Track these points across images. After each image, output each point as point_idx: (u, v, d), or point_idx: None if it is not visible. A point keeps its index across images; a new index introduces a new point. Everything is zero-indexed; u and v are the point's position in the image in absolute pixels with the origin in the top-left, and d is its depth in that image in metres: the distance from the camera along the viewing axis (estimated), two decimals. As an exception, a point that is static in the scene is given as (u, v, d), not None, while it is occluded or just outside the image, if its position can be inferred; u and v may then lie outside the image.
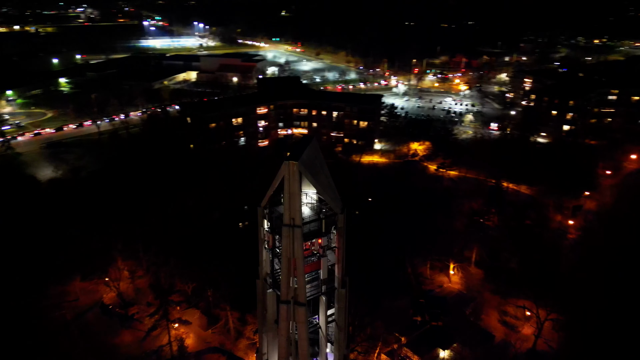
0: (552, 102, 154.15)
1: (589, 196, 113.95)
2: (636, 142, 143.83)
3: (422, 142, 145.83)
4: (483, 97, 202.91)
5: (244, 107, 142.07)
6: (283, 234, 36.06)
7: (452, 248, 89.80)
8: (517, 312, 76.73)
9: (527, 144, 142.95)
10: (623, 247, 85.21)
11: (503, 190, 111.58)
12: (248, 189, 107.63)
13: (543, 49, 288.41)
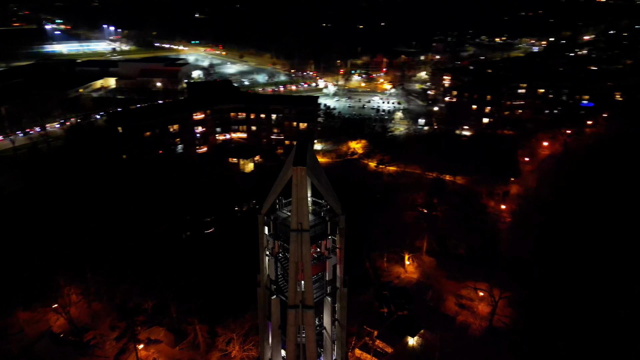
0: (471, 98, 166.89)
1: (514, 182, 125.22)
2: (545, 130, 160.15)
3: (359, 140, 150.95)
4: (407, 95, 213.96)
5: (179, 114, 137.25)
6: (291, 239, 36.47)
7: (405, 240, 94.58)
8: (470, 294, 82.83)
9: (454, 138, 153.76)
10: (548, 224, 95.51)
11: (444, 182, 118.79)
12: (191, 197, 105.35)
13: (452, 48, 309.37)
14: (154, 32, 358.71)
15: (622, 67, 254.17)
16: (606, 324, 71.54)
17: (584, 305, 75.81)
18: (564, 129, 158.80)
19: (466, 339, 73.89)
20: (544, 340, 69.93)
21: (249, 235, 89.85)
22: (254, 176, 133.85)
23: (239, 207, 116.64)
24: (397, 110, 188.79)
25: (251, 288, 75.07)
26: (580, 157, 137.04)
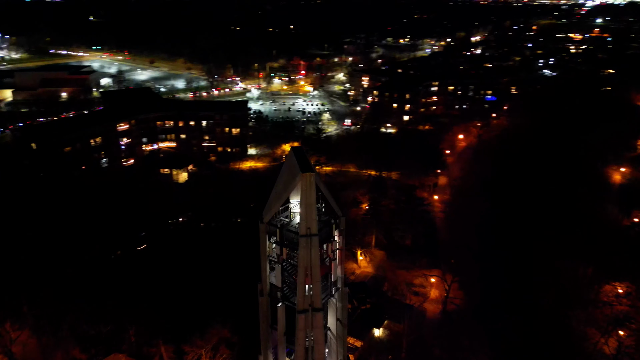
0: (392, 97, 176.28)
1: (440, 173, 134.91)
2: (458, 124, 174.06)
3: (291, 143, 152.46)
4: (329, 97, 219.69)
5: (101, 125, 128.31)
6: (301, 245, 37.13)
7: (354, 236, 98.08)
8: (422, 282, 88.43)
9: (380, 136, 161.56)
10: (477, 208, 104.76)
11: (383, 178, 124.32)
12: (121, 213, 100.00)
13: (363, 50, 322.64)
14: (47, 37, 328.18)
15: (513, 63, 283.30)
16: (542, 293, 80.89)
17: (520, 280, 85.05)
18: (474, 122, 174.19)
19: (426, 324, 78.85)
20: (491, 316, 76.94)
21: (189, 247, 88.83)
22: (189, 186, 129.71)
23: (175, 219, 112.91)
24: (322, 111, 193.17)
25: (211, 300, 74.18)
26: (492, 146, 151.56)
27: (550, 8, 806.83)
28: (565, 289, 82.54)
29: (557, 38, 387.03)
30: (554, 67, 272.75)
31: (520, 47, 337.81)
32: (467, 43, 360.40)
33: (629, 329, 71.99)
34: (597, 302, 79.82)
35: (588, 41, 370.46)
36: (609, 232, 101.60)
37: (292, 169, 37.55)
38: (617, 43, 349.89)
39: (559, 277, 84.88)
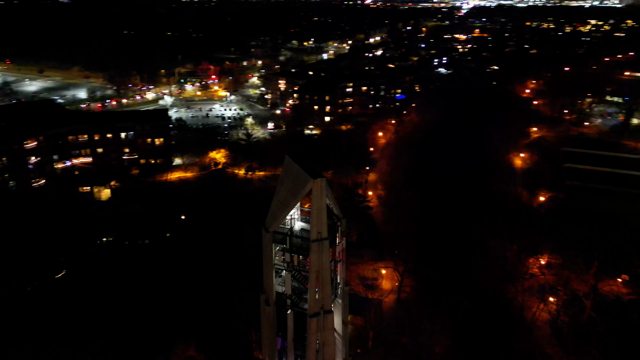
0: (312, 99, 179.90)
1: (369, 170, 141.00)
2: (375, 122, 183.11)
3: (217, 150, 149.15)
4: (246, 101, 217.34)
5: (4, 145, 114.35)
6: (312, 250, 37.82)
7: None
8: (373, 274, 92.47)
9: (306, 137, 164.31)
10: (408, 200, 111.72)
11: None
12: (35, 240, 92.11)
13: (270, 53, 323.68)
14: None
15: (412, 63, 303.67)
16: (481, 272, 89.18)
17: (459, 261, 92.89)
18: (389, 120, 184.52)
19: (385, 314, 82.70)
20: (441, 298, 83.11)
21: (115, 268, 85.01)
22: (113, 203, 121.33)
23: (99, 239, 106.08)
24: (243, 116, 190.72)
25: (162, 320, 71.29)
26: (410, 141, 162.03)
27: (432, 10, 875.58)
28: (498, 266, 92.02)
29: (445, 39, 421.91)
30: (448, 65, 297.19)
31: (415, 47, 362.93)
32: (368, 45, 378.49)
33: (557, 295, 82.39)
34: (525, 275, 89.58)
35: (472, 41, 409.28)
36: (522, 211, 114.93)
37: (297, 177, 37.97)
38: (496, 42, 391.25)
39: (491, 256, 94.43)
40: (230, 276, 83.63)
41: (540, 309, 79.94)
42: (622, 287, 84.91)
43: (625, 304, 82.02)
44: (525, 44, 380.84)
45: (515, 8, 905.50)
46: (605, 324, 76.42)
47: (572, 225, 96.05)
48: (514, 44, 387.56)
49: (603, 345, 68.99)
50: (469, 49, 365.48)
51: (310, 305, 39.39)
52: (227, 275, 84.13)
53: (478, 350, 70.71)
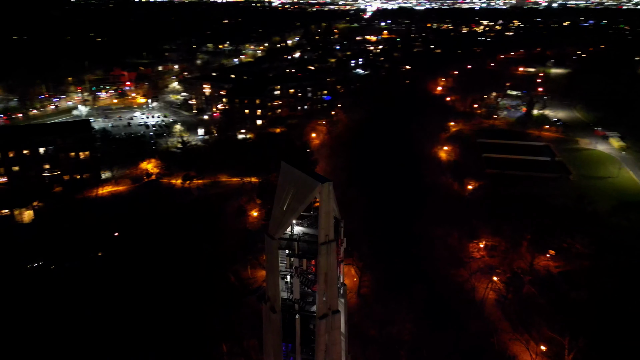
0: (243, 103, 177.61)
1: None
2: (305, 124, 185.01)
3: (148, 160, 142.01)
4: (169, 107, 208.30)
5: None
6: (321, 253, 38.47)
7: (255, 244, 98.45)
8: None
9: (240, 142, 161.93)
10: (353, 198, 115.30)
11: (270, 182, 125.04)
12: None
13: (186, 57, 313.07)
14: None
15: (330, 65, 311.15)
16: (431, 260, 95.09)
17: (411, 251, 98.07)
18: (319, 120, 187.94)
19: (350, 310, 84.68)
20: (399, 288, 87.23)
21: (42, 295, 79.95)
22: (38, 225, 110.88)
23: (25, 266, 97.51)
24: (167, 124, 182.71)
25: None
26: (343, 140, 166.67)
27: (340, 13, 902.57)
28: (444, 253, 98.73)
29: (357, 40, 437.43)
30: (365, 66, 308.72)
31: (331, 49, 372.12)
32: (286, 47, 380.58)
33: (499, 274, 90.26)
34: (467, 259, 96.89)
35: (382, 42, 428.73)
36: (456, 199, 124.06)
37: (301, 182, 38.27)
38: (404, 43, 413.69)
39: (437, 244, 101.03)
40: (177, 291, 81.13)
41: (488, 288, 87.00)
42: (551, 261, 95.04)
43: (556, 276, 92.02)
44: (430, 44, 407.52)
45: (415, 10, 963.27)
46: (543, 295, 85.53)
47: (501, 209, 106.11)
48: (420, 44, 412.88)
49: (545, 315, 77.10)
50: (380, 50, 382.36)
51: (319, 307, 39.99)
52: (174, 290, 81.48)
53: (441, 333, 75.56)
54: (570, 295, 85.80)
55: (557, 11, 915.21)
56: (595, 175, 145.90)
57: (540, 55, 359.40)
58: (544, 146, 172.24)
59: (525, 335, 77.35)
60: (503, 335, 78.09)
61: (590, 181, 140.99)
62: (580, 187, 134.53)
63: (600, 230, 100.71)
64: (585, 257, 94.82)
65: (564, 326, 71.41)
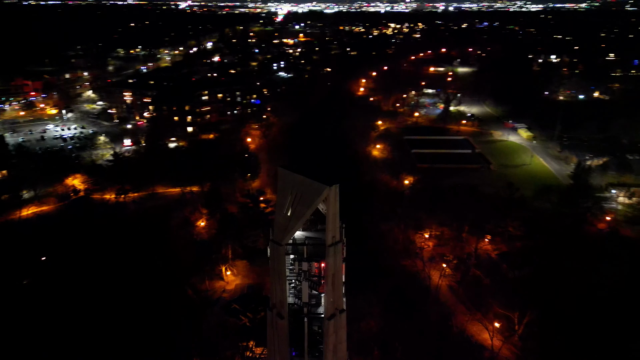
0: (171, 110, 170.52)
1: (253, 176, 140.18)
2: (238, 129, 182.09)
3: (73, 175, 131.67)
4: (86, 118, 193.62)
5: None
6: (329, 254, 39.27)
7: (210, 255, 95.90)
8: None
9: (171, 150, 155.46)
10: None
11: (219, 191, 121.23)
12: None
13: (95, 63, 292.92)
14: None
15: (252, 68, 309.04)
16: (385, 253, 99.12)
17: (364, 247, 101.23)
18: (252, 124, 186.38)
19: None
20: (359, 282, 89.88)
21: None
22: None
23: None
24: (86, 135, 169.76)
25: None
26: (279, 143, 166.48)
27: (251, 16, 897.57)
28: (396, 245, 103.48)
29: (275, 44, 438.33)
30: (287, 69, 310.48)
31: (251, 53, 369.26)
32: (203, 51, 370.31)
33: (447, 262, 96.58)
34: (417, 250, 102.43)
35: (300, 45, 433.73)
36: (396, 194, 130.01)
37: (306, 186, 38.66)
38: (321, 46, 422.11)
39: (387, 238, 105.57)
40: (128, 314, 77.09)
41: (441, 276, 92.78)
42: (490, 244, 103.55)
43: (495, 258, 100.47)
44: (346, 46, 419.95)
45: (325, 14, 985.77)
46: (487, 277, 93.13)
47: (439, 200, 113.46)
48: (336, 46, 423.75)
49: (492, 295, 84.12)
50: (300, 53, 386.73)
51: (327, 308, 40.73)
52: (124, 314, 77.33)
53: (405, 322, 79.32)
54: (509, 275, 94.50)
55: (454, 14, 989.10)
56: (511, 164, 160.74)
57: (447, 55, 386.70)
58: (463, 140, 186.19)
59: (479, 315, 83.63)
60: (460, 317, 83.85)
61: (509, 169, 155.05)
62: (500, 175, 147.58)
63: (527, 214, 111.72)
64: (518, 238, 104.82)
65: (511, 303, 78.60)
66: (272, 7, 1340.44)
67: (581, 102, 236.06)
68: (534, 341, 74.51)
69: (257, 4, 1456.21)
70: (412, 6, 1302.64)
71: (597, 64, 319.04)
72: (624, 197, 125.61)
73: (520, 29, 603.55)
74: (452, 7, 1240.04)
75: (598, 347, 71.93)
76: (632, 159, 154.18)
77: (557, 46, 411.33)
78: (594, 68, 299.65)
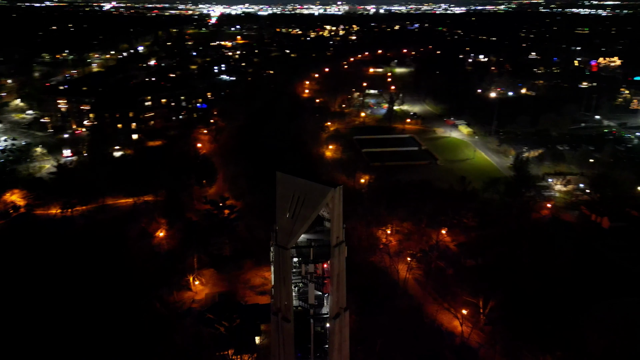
0: (114, 117, 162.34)
1: (210, 182, 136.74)
2: (186, 134, 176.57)
3: (10, 191, 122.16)
4: (16, 128, 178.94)
5: None
6: (334, 254, 39.98)
7: (174, 266, 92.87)
8: (260, 281, 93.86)
9: (118, 159, 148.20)
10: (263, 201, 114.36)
11: (178, 199, 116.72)
12: None
13: (18, 69, 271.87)
14: None
15: (193, 71, 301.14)
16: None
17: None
18: (200, 129, 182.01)
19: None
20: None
21: None
22: None
23: None
24: (18, 147, 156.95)
25: None
26: (233, 145, 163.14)
27: (183, 18, 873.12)
28: (360, 242, 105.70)
29: (213, 46, 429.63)
30: (229, 72, 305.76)
31: (189, 56, 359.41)
32: (139, 55, 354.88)
33: (410, 255, 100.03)
34: (383, 245, 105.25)
35: (239, 47, 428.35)
36: (353, 193, 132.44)
37: (309, 189, 38.98)
38: (260, 48, 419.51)
39: (351, 235, 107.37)
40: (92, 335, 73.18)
41: (407, 269, 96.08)
42: (448, 236, 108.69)
43: (453, 249, 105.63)
44: (286, 49, 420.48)
45: (260, 15, 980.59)
46: (449, 267, 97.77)
47: (397, 196, 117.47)
48: (276, 49, 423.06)
49: (456, 283, 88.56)
50: (239, 55, 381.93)
51: (332, 307, 41.33)
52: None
53: (379, 316, 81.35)
54: (467, 263, 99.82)
55: (386, 16, 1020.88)
56: (456, 159, 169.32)
57: (384, 56, 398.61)
58: (409, 138, 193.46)
59: (445, 304, 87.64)
60: (429, 308, 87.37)
61: (454, 164, 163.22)
62: (448, 170, 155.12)
63: (479, 205, 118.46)
64: (472, 229, 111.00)
65: (475, 290, 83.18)
66: (204, 9, 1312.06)
67: (511, 98, 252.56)
68: (499, 324, 79.20)
69: (188, 5, 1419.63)
70: (344, 8, 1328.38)
71: (521, 63, 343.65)
72: (560, 185, 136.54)
73: (448, 31, 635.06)
74: (383, 10, 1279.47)
75: (555, 321, 77.81)
76: (562, 149, 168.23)
77: (483, 46, 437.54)
78: (519, 66, 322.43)
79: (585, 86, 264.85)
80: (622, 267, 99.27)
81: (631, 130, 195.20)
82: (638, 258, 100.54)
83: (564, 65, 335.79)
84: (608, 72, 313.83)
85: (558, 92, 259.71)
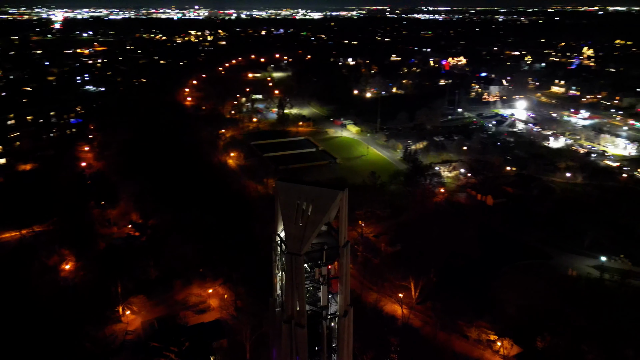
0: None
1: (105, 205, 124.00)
2: (64, 153, 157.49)
3: None
4: None
5: None
6: (342, 255, 41.23)
7: (95, 299, 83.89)
8: (197, 299, 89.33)
9: None
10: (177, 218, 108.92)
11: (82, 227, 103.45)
12: None
13: None
14: None
15: (50, 83, 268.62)
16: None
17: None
18: (80, 146, 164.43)
19: (235, 327, 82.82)
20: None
21: None
22: None
23: None
24: None
25: None
26: (122, 163, 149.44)
27: (18, 23, 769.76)
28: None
29: (68, 54, 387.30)
30: (95, 81, 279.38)
31: (41, 66, 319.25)
32: None
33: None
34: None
35: (101, 55, 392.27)
36: (266, 198, 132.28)
37: (317, 194, 39.54)
38: (126, 55, 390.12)
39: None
40: None
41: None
42: (366, 228, 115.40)
43: (374, 240, 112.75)
44: (154, 55, 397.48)
45: (112, 20, 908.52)
46: (375, 257, 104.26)
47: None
48: (142, 55, 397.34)
49: (383, 270, 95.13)
50: (102, 63, 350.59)
51: (341, 305, 42.64)
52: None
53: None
54: (388, 251, 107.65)
55: (249, 21, 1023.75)
56: (352, 156, 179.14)
57: (257, 61, 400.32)
58: (304, 140, 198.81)
59: (382, 291, 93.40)
60: (369, 297, 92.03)
61: (352, 161, 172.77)
62: (348, 167, 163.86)
63: (388, 197, 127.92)
64: (384, 219, 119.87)
65: (404, 274, 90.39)
66: (42, 13, 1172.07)
67: (385, 97, 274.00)
68: (430, 301, 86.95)
69: (21, 9, 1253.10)
70: (204, 13, 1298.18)
71: (387, 65, 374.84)
72: (447, 172, 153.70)
73: (313, 35, 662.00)
74: (244, 15, 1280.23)
75: (473, 289, 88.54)
76: (437, 140, 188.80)
77: (348, 50, 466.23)
78: (385, 68, 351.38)
79: (443, 83, 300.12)
80: (509, 237, 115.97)
81: (487, 119, 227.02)
82: (520, 228, 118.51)
83: (421, 65, 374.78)
84: (458, 70, 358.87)
85: (422, 90, 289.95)
